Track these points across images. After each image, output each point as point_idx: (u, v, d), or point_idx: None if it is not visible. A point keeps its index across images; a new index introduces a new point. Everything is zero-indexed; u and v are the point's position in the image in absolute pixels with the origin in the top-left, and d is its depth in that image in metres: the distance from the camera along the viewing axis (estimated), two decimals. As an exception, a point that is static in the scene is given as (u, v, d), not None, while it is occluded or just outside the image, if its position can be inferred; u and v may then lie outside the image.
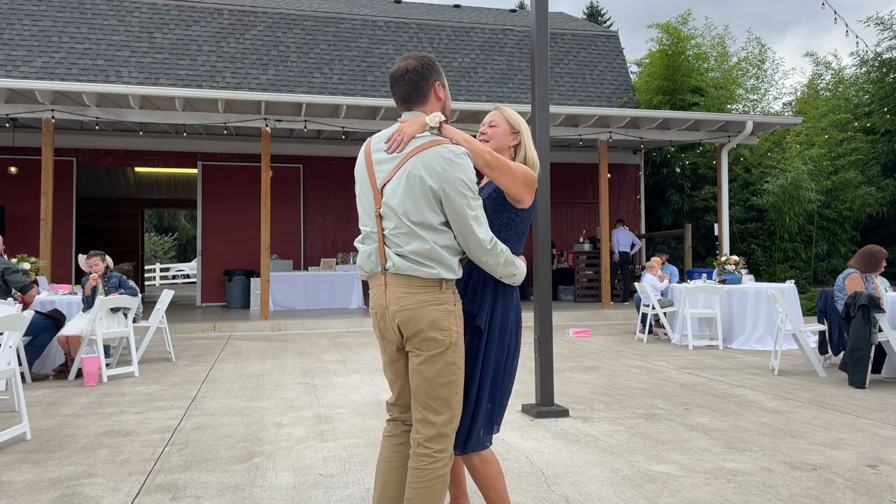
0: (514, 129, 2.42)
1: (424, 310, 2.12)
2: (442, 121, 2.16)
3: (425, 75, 2.19)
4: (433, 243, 2.11)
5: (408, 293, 2.13)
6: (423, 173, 2.08)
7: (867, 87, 16.33)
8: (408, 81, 2.19)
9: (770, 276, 14.50)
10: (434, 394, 2.16)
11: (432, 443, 2.17)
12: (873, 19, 15.70)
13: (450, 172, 2.07)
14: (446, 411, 2.17)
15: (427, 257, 2.12)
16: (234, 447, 3.83)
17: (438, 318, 2.13)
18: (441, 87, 2.24)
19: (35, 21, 12.79)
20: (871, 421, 4.32)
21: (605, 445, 3.79)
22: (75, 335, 6.08)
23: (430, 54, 2.47)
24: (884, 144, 15.30)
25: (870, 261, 6.08)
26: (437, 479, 2.16)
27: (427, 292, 2.13)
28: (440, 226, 2.12)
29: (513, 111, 2.47)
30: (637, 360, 7.01)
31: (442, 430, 2.17)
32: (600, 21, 33.74)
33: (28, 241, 12.65)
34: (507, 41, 15.49)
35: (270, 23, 14.18)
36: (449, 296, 2.17)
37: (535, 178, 2.30)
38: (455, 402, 2.19)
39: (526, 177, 2.25)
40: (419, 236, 2.11)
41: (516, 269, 2.25)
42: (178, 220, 37.26)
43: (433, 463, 2.16)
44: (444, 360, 2.15)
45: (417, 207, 2.10)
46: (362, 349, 7.99)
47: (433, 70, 2.20)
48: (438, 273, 2.12)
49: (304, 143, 13.99)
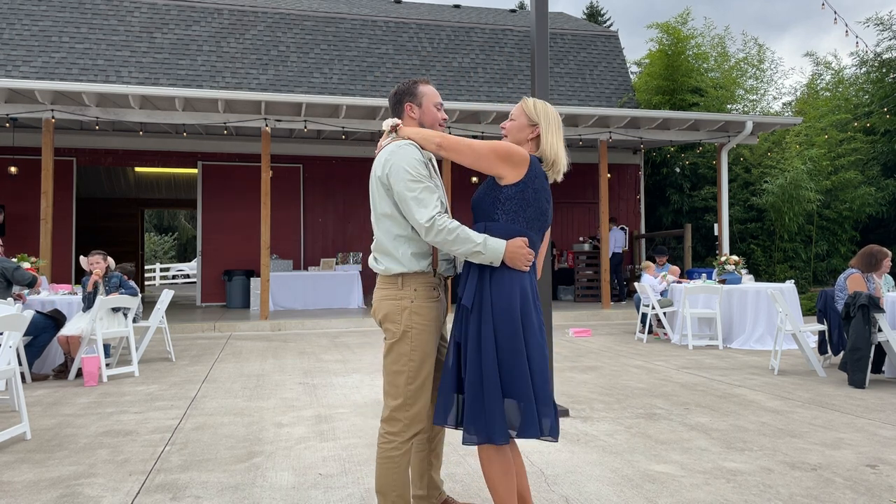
0: (531, 121, 2.42)
1: (382, 303, 2.45)
2: (394, 125, 2.47)
3: (398, 99, 2.57)
4: (384, 232, 2.41)
5: (378, 288, 2.50)
6: (375, 168, 2.44)
7: (867, 87, 16.32)
8: (390, 104, 2.62)
9: (770, 276, 14.50)
10: (388, 378, 2.43)
11: (385, 423, 2.42)
12: (873, 20, 15.70)
13: (391, 161, 2.35)
14: (398, 398, 2.40)
15: (378, 250, 2.45)
16: (234, 447, 3.83)
17: (392, 311, 2.41)
18: (413, 106, 2.54)
19: (35, 21, 12.79)
20: (871, 421, 4.32)
21: (605, 445, 3.80)
22: (75, 335, 6.08)
23: (410, 81, 2.60)
24: (884, 144, 15.30)
25: (870, 261, 6.09)
26: (387, 460, 2.39)
27: (387, 288, 2.44)
28: (393, 212, 2.39)
29: (537, 102, 2.44)
30: (637, 360, 7.01)
31: (394, 413, 2.40)
32: (600, 21, 33.74)
33: (28, 241, 12.65)
34: (507, 41, 15.49)
35: (270, 23, 14.18)
36: (408, 293, 2.41)
37: (513, 152, 2.27)
38: (407, 391, 2.39)
39: (496, 151, 2.26)
40: (378, 228, 2.44)
41: (476, 246, 2.23)
42: (178, 220, 37.26)
43: (384, 444, 2.41)
44: (397, 350, 2.40)
45: (375, 200, 2.44)
46: (362, 349, 7.99)
47: (405, 94, 2.56)
48: (388, 268, 2.41)
49: (303, 143, 13.99)
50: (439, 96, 2.61)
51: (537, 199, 2.32)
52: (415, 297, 2.40)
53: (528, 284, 2.31)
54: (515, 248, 2.25)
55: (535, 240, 2.35)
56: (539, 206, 2.33)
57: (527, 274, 2.32)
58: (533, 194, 2.30)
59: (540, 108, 2.42)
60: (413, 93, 2.55)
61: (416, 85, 2.55)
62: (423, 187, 2.30)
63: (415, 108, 2.55)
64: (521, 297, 2.26)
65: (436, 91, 2.60)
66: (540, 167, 2.36)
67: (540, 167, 2.36)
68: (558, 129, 2.43)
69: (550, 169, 2.41)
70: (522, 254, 2.25)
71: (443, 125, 2.58)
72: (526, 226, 2.31)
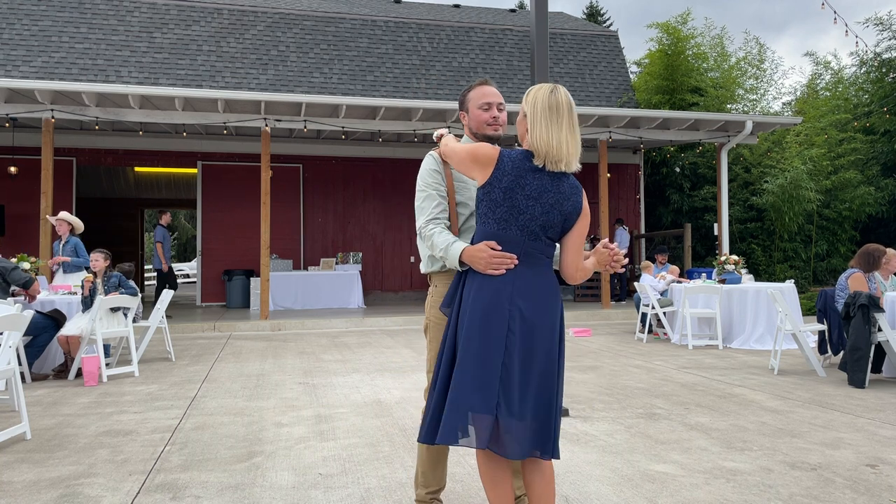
0: (523, 111, 2.28)
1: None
2: (438, 135, 2.59)
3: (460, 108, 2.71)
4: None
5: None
6: None
7: (867, 87, 16.33)
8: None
9: (770, 276, 14.50)
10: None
11: None
12: (872, 20, 15.70)
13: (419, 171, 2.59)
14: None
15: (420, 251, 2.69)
16: (234, 447, 3.83)
17: (426, 305, 2.67)
18: (464, 114, 2.64)
19: (35, 21, 12.78)
20: (871, 420, 4.33)
21: (605, 445, 3.80)
22: (75, 335, 6.08)
23: (465, 88, 2.67)
24: (883, 144, 15.30)
25: (869, 260, 6.09)
26: None
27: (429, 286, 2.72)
28: None
29: (532, 88, 2.29)
30: (637, 360, 7.01)
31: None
32: (600, 21, 33.74)
33: (28, 241, 12.65)
34: (507, 41, 15.49)
35: (270, 22, 14.18)
36: (432, 289, 2.65)
37: (479, 154, 2.20)
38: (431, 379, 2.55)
39: (469, 154, 2.23)
40: None
41: (439, 252, 2.34)
42: (178, 220, 37.25)
43: None
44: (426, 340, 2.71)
45: None
46: (362, 349, 7.99)
47: (459, 105, 2.69)
48: (423, 268, 2.66)
49: (303, 143, 13.99)
50: (490, 94, 2.54)
51: (509, 198, 2.18)
52: (434, 293, 2.63)
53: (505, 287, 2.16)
54: (474, 252, 2.19)
55: (515, 239, 2.19)
56: (513, 204, 2.17)
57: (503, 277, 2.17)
58: (501, 193, 2.18)
59: (531, 94, 2.24)
60: (462, 101, 2.64)
61: (466, 92, 2.61)
62: (425, 196, 2.49)
63: (465, 115, 2.63)
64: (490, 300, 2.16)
65: (486, 91, 2.54)
66: (512, 164, 2.19)
67: (512, 164, 2.19)
68: (550, 114, 2.19)
69: (545, 161, 2.19)
70: (482, 257, 2.17)
71: (493, 124, 2.52)
72: (497, 227, 2.20)
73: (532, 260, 2.22)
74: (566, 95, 2.25)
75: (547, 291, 2.21)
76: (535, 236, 2.21)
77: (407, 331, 9.96)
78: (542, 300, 2.19)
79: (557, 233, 2.26)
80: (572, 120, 2.22)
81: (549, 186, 2.21)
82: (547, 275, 2.25)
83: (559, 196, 2.21)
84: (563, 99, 2.22)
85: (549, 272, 2.26)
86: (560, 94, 2.23)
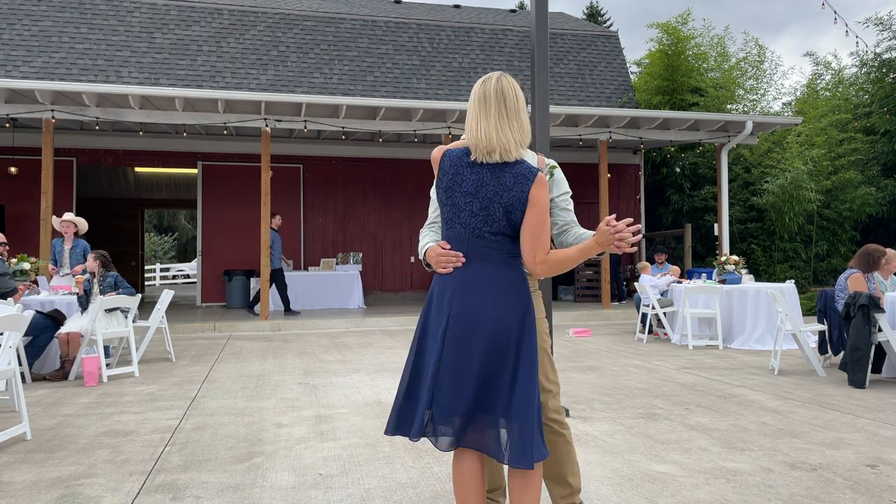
0: None
1: None
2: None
3: None
4: None
5: None
6: None
7: (867, 87, 16.33)
8: None
9: (770, 276, 14.50)
10: None
11: None
12: (872, 20, 15.70)
13: None
14: None
15: None
16: (234, 447, 3.83)
17: None
18: None
19: (35, 21, 12.79)
20: (871, 421, 4.32)
21: (605, 445, 3.80)
22: (75, 332, 6.08)
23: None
24: (884, 144, 15.30)
25: (868, 260, 6.09)
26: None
27: None
28: None
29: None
30: (637, 360, 7.01)
31: None
32: (600, 21, 33.75)
33: (28, 241, 12.65)
34: (507, 41, 15.49)
35: (270, 23, 14.18)
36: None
37: (432, 157, 2.30)
38: None
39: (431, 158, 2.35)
40: None
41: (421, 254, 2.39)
42: (178, 220, 37.27)
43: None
44: None
45: None
46: (362, 349, 7.99)
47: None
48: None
49: (303, 143, 13.99)
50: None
51: (450, 196, 2.19)
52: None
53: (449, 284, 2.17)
54: (429, 253, 2.29)
55: (460, 237, 2.19)
56: (454, 203, 2.18)
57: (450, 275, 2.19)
58: (444, 193, 2.21)
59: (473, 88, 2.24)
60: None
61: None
62: (431, 200, 2.57)
63: None
64: (435, 297, 2.22)
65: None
66: (451, 162, 2.21)
67: (451, 162, 2.21)
68: (479, 105, 2.16)
69: (476, 153, 2.17)
70: (432, 257, 2.26)
71: None
72: (445, 226, 2.24)
73: (482, 257, 2.16)
74: (498, 83, 2.16)
75: (498, 289, 2.12)
76: (478, 233, 2.16)
77: (407, 331, 9.96)
78: (490, 298, 2.11)
79: (505, 226, 2.15)
80: (505, 108, 2.14)
81: (489, 179, 2.14)
82: (501, 272, 2.15)
83: (498, 188, 2.13)
84: (492, 88, 2.15)
85: (507, 269, 2.17)
86: (489, 85, 2.17)
